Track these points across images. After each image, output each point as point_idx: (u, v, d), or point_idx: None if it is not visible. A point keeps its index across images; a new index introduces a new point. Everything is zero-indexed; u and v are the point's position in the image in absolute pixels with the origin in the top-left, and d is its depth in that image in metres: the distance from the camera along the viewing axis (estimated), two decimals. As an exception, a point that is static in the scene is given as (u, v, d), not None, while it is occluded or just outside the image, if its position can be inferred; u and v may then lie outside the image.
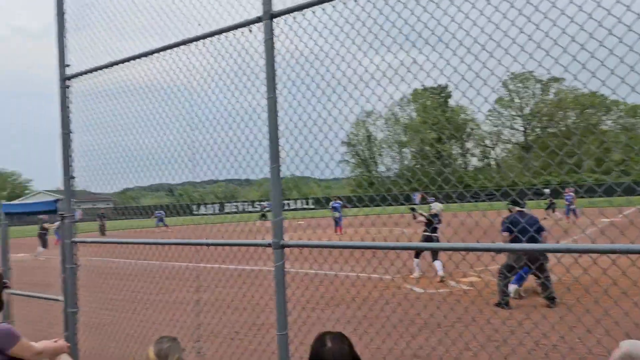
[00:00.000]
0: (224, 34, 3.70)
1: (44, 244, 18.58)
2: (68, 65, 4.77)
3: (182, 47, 3.94)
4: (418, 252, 10.93)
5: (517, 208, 8.60)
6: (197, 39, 3.79)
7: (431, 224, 10.88)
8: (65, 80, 4.76)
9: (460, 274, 10.18)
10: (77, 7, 4.80)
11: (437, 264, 10.42)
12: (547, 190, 26.00)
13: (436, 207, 11.07)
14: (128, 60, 4.34)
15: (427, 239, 10.74)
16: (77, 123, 4.87)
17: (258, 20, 3.44)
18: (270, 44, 3.39)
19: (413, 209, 12.17)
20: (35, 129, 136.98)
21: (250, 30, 3.55)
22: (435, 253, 10.52)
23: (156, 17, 4.17)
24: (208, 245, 3.87)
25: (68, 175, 4.75)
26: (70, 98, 4.79)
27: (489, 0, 2.64)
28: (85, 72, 4.62)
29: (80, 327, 4.74)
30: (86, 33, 4.75)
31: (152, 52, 4.14)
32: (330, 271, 4.09)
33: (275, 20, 3.40)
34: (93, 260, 5.12)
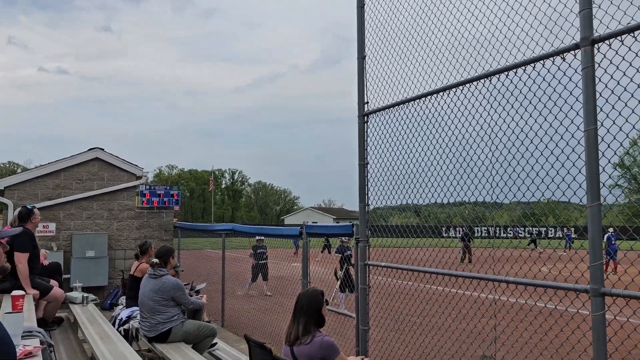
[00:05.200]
0: (529, 65, 3.57)
1: None
2: (367, 103, 5.24)
3: (482, 80, 3.94)
4: None
5: None
6: (502, 70, 3.74)
7: None
8: (364, 116, 5.24)
9: None
10: (375, 49, 5.24)
11: None
12: None
13: None
14: (423, 96, 4.54)
15: None
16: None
17: (575, 47, 3.22)
18: (590, 73, 3.13)
19: None
20: (295, 151, 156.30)
21: (564, 59, 3.35)
22: None
23: (452, 52, 4.27)
24: (507, 282, 3.74)
25: (364, 203, 5.18)
26: (368, 132, 5.25)
27: None
28: (382, 109, 5.00)
29: (371, 345, 5.09)
30: (382, 69, 5.13)
31: (448, 87, 4.25)
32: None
33: (596, 45, 3.13)
34: (382, 279, 5.44)
